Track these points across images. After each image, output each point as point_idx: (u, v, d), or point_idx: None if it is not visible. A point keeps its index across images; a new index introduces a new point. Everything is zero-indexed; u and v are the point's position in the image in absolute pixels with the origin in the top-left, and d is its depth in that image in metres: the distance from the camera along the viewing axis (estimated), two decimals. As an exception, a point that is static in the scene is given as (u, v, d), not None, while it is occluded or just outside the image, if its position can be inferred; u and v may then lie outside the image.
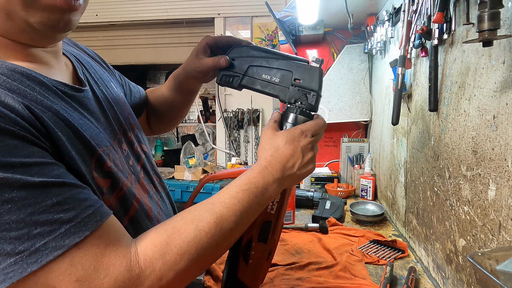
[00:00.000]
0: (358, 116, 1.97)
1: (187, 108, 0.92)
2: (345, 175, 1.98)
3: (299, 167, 0.59)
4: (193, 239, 0.47)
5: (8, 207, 0.37)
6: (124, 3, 3.19)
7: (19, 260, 0.37)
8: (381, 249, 1.14)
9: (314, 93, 0.62)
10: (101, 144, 0.53)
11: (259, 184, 0.55)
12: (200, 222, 0.49)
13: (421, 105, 1.09)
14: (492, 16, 0.59)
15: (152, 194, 0.66)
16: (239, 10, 3.07)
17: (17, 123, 0.39)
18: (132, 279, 0.43)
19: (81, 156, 0.47)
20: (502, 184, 0.65)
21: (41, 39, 0.50)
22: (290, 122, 0.63)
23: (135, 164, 0.65)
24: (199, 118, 3.28)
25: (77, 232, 0.40)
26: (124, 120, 0.66)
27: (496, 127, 0.66)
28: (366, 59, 1.93)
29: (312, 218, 1.42)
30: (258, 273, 0.67)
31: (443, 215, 0.92)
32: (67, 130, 0.47)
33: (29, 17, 0.45)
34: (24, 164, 0.39)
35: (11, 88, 0.43)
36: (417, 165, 1.13)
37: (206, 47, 0.74)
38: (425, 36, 0.95)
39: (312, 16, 1.69)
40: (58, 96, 0.49)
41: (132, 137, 0.67)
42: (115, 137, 0.60)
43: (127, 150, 0.63)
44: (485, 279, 0.46)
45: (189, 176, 3.06)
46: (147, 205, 0.60)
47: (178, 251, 0.46)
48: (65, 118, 0.47)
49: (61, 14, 0.48)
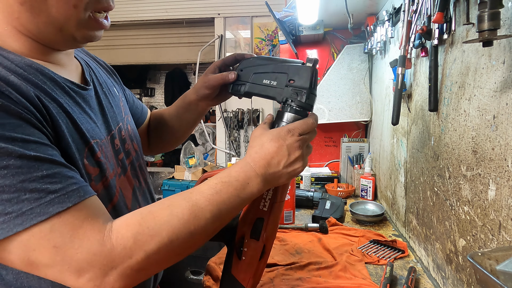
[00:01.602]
0: (358, 116, 1.96)
1: (189, 129, 0.93)
2: (345, 175, 1.98)
3: (284, 165, 0.59)
4: (165, 223, 0.50)
5: (4, 172, 0.43)
6: (124, 3, 3.19)
7: (7, 220, 0.43)
8: (381, 249, 1.14)
9: (305, 91, 0.63)
10: (95, 137, 0.58)
11: (239, 178, 0.57)
12: (175, 208, 0.52)
13: (421, 105, 1.09)
14: (492, 16, 0.59)
15: (136, 189, 0.70)
16: (239, 10, 3.07)
17: (25, 107, 0.46)
18: (103, 253, 0.46)
19: (75, 144, 0.53)
20: (502, 184, 0.65)
21: (69, 46, 0.59)
22: (283, 121, 0.64)
23: (125, 159, 0.69)
24: (199, 118, 3.28)
25: (61, 203, 0.45)
26: (121, 120, 0.71)
27: (496, 127, 0.66)
28: (366, 59, 1.93)
29: (312, 218, 1.42)
30: (251, 271, 0.67)
31: (443, 215, 0.92)
32: (67, 121, 0.53)
33: (78, 33, 0.55)
34: (24, 140, 0.45)
35: (27, 78, 0.50)
36: (417, 165, 1.13)
37: (215, 67, 0.79)
38: (425, 36, 0.95)
39: (312, 16, 1.69)
40: (64, 91, 0.56)
41: (126, 135, 0.72)
42: (109, 133, 0.65)
43: (119, 145, 0.68)
44: (485, 279, 0.46)
45: (189, 176, 3.06)
46: (127, 197, 0.65)
47: (150, 232, 0.49)
48: (66, 111, 0.53)
49: (100, 31, 0.59)
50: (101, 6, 0.57)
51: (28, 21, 0.51)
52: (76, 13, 0.53)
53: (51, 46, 0.57)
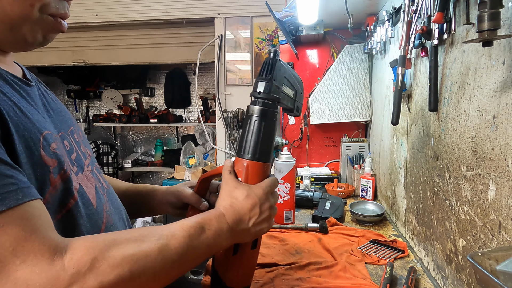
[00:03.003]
0: (358, 116, 1.96)
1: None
2: (345, 175, 1.98)
3: (254, 223, 0.60)
4: (129, 256, 0.45)
5: None
6: (124, 3, 3.19)
7: None
8: (381, 249, 1.14)
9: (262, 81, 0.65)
10: (47, 129, 0.53)
11: (212, 228, 0.56)
12: (144, 243, 0.47)
13: (421, 105, 1.09)
14: (492, 16, 0.59)
15: (98, 189, 0.65)
16: (239, 10, 3.07)
17: None
18: (51, 274, 0.39)
19: (28, 133, 0.48)
20: (502, 184, 0.65)
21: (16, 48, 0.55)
22: (249, 114, 0.66)
23: (81, 159, 0.63)
24: (199, 118, 3.28)
25: None
26: (72, 125, 0.66)
27: (496, 127, 0.66)
28: (366, 59, 1.93)
29: (312, 218, 1.42)
30: (227, 266, 0.68)
31: (443, 215, 0.92)
32: (14, 109, 0.47)
33: (29, 35, 0.52)
34: None
35: None
36: (417, 165, 1.13)
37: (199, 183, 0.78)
38: (425, 36, 0.95)
39: (312, 16, 1.69)
40: (7, 82, 0.51)
41: (80, 140, 0.67)
42: (58, 132, 0.59)
43: (70, 146, 0.62)
44: (485, 279, 0.46)
45: (189, 176, 3.06)
46: (90, 193, 0.60)
47: (110, 262, 0.43)
48: (11, 100, 0.49)
49: (55, 34, 0.55)
50: (58, 13, 0.53)
51: None
52: (31, 12, 0.50)
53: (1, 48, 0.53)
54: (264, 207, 0.61)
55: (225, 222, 0.57)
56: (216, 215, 0.58)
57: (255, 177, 0.64)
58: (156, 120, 3.88)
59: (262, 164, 0.65)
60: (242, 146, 0.66)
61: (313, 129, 2.09)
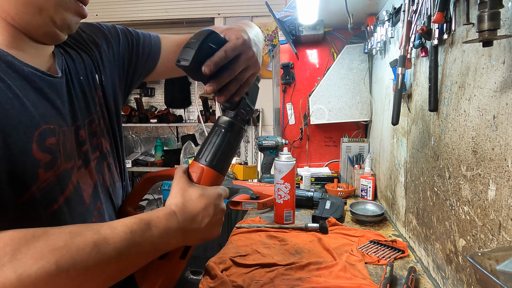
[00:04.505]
0: (358, 116, 1.96)
1: None
2: (345, 175, 1.98)
3: (207, 223, 0.59)
4: (58, 249, 0.42)
5: None
6: (124, 3, 3.19)
7: None
8: (381, 249, 1.14)
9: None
10: (51, 122, 0.54)
11: (160, 225, 0.53)
12: (78, 236, 0.44)
13: (421, 105, 1.09)
14: (492, 16, 0.59)
15: (99, 185, 0.64)
16: (239, 10, 3.07)
17: None
18: None
19: (23, 127, 0.49)
20: (502, 184, 0.65)
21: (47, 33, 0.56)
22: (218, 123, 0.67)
23: (89, 152, 0.63)
24: (199, 118, 3.28)
25: None
26: (95, 113, 0.67)
27: (496, 127, 0.66)
28: (366, 59, 1.93)
29: (312, 218, 1.42)
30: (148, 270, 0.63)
31: (443, 215, 0.92)
32: (12, 101, 0.49)
33: (57, 16, 0.54)
34: None
35: None
36: (417, 165, 1.13)
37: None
38: (425, 36, 0.95)
39: (312, 16, 1.69)
40: (19, 74, 0.52)
41: (98, 130, 0.67)
42: (74, 123, 0.60)
43: (84, 137, 0.63)
44: (485, 279, 0.46)
45: (189, 176, 3.06)
46: (85, 191, 0.59)
47: (34, 254, 0.41)
48: (15, 92, 0.50)
49: (79, 18, 0.58)
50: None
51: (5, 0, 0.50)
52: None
53: (29, 31, 0.54)
54: (217, 209, 0.60)
55: (176, 220, 0.55)
56: (166, 213, 0.55)
57: (209, 184, 0.63)
58: (156, 120, 3.89)
59: (217, 173, 0.64)
60: (202, 151, 0.65)
61: (313, 129, 2.09)
